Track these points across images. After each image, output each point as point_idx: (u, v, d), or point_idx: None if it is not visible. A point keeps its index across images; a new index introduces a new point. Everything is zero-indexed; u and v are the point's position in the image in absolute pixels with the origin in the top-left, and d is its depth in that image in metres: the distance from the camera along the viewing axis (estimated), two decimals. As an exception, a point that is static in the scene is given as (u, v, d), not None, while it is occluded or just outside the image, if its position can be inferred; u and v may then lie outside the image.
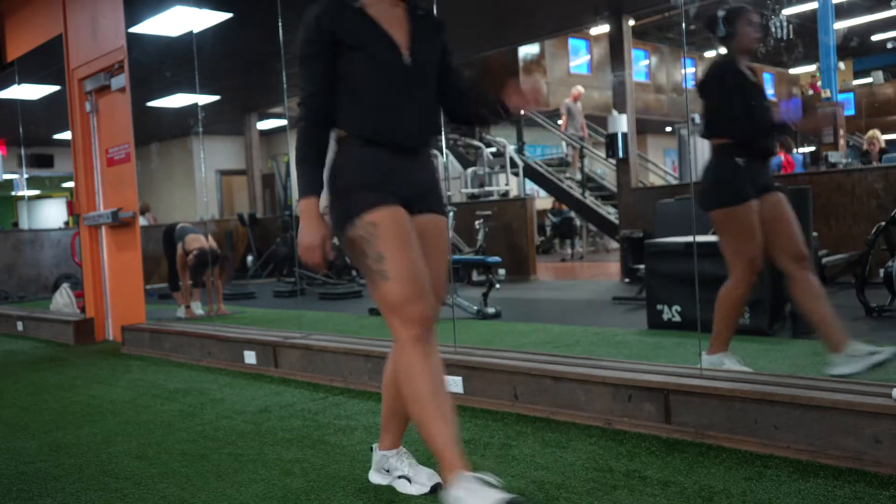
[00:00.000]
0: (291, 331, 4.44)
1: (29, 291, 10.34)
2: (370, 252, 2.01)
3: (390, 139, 2.07)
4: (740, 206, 3.08)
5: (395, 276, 1.99)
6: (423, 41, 2.13)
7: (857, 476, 2.15)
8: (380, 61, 2.06)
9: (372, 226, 2.01)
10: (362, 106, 2.07)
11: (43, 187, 18.83)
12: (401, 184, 2.08)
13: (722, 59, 3.22)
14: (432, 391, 1.97)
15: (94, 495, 2.35)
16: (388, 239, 2.00)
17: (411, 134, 2.10)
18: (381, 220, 2.01)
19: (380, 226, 2.00)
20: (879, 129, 10.39)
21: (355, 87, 2.07)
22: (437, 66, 2.18)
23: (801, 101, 21.43)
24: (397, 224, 2.02)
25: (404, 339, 2.02)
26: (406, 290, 1.99)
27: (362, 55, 2.05)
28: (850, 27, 18.11)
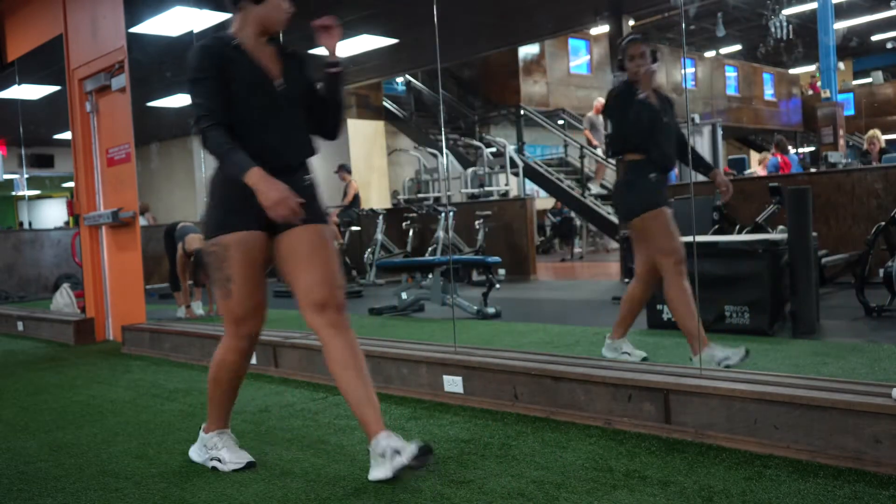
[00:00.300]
0: (291, 331, 4.44)
1: (29, 291, 10.34)
2: (222, 269, 2.39)
3: (264, 161, 2.31)
4: (661, 209, 3.42)
5: (236, 298, 2.40)
6: (291, 71, 2.47)
7: (856, 476, 2.15)
8: (254, 88, 2.38)
9: (226, 248, 2.37)
10: (240, 128, 2.36)
11: (43, 187, 18.83)
12: None
13: (621, 85, 3.55)
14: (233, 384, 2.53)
15: (94, 495, 2.36)
16: (237, 264, 2.37)
17: (283, 152, 2.42)
18: (234, 246, 2.37)
19: (233, 250, 2.37)
20: (879, 129, 10.38)
21: (235, 114, 2.36)
22: (305, 95, 2.50)
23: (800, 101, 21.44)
24: (248, 253, 2.38)
25: (231, 347, 2.48)
26: (243, 311, 2.42)
27: (239, 84, 2.36)
28: (849, 27, 18.12)
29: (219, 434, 2.57)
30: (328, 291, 2.40)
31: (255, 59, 2.39)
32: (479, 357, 3.28)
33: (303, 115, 2.50)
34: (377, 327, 5.59)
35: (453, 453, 2.55)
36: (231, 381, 2.55)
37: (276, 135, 2.40)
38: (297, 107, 2.47)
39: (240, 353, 2.49)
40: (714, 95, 18.61)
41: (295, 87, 2.46)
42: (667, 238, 3.41)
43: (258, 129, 2.38)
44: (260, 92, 2.38)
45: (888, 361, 3.46)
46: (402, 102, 15.88)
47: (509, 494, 2.16)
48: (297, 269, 2.42)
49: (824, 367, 3.40)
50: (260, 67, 2.40)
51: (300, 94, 2.49)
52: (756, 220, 6.72)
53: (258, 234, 2.39)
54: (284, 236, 2.42)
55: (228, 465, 2.51)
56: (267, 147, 2.38)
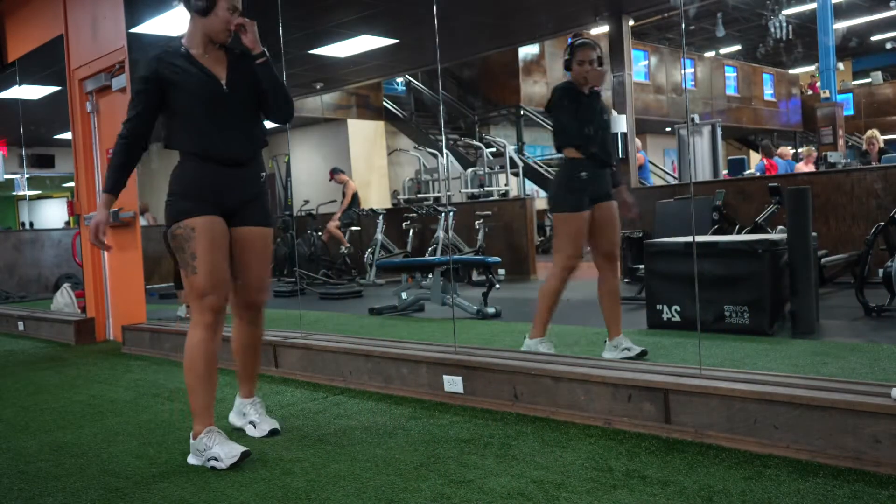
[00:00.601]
0: (291, 331, 4.45)
1: (30, 291, 10.34)
2: (187, 249, 2.60)
3: (215, 155, 2.64)
4: (574, 214, 3.65)
5: (201, 273, 2.60)
6: (238, 73, 2.71)
7: (856, 476, 2.15)
8: (202, 91, 2.63)
9: (192, 230, 2.60)
10: (192, 129, 2.64)
11: (44, 187, 18.83)
12: (223, 195, 2.65)
13: (564, 83, 3.78)
14: (206, 365, 2.63)
15: (94, 495, 2.36)
16: (201, 242, 2.59)
17: (233, 150, 2.67)
18: (199, 226, 2.60)
19: (197, 230, 2.59)
20: (878, 129, 10.39)
21: (186, 115, 2.65)
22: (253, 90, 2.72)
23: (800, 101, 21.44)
24: (212, 232, 2.61)
25: (198, 322, 2.65)
26: (207, 284, 2.60)
27: (189, 92, 2.62)
28: (849, 28, 18.12)
29: (207, 434, 2.59)
30: (261, 295, 2.85)
31: (203, 65, 2.66)
32: (479, 357, 3.28)
33: (251, 111, 2.74)
34: (377, 327, 5.60)
35: (453, 453, 2.56)
36: (206, 364, 2.63)
37: (224, 132, 2.66)
38: (244, 105, 2.72)
39: (206, 327, 2.63)
40: (714, 96, 18.62)
41: (241, 86, 2.70)
42: (567, 243, 3.68)
43: (207, 129, 2.64)
44: (207, 94, 2.64)
45: (888, 361, 3.47)
46: (402, 102, 15.88)
47: (509, 494, 2.16)
48: (243, 267, 2.77)
49: (824, 367, 3.41)
50: (207, 72, 2.66)
51: (247, 92, 2.72)
52: (756, 220, 6.73)
53: (220, 218, 2.66)
54: (239, 231, 2.72)
55: (225, 461, 2.52)
56: (215, 143, 2.64)
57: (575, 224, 3.66)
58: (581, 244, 3.71)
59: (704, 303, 4.47)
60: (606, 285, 3.82)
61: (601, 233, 3.76)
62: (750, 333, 4.30)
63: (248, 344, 2.92)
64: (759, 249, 4.31)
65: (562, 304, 3.92)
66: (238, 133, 2.69)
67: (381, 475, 2.38)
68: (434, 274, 6.12)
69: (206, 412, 2.63)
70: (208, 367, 2.64)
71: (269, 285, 2.88)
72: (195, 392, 2.64)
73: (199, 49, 2.68)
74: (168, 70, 2.63)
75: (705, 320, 4.47)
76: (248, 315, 2.87)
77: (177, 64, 2.64)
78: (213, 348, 2.65)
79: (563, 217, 3.68)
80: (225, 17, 2.64)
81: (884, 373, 3.25)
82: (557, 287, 3.74)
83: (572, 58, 3.73)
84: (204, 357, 2.63)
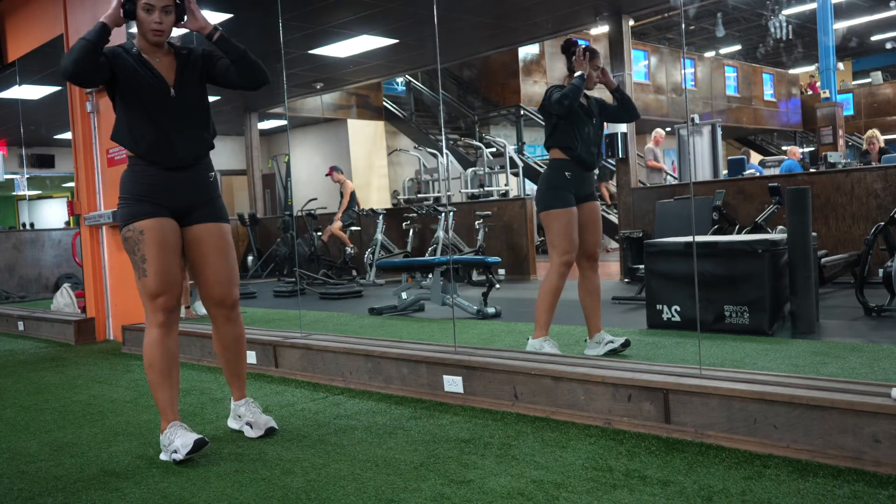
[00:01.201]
0: (291, 330, 4.45)
1: (30, 291, 10.35)
2: (137, 252, 2.66)
3: (158, 159, 2.68)
4: (563, 210, 3.75)
5: (151, 274, 2.65)
6: (186, 75, 2.73)
7: (856, 475, 2.15)
8: (150, 95, 2.66)
9: (140, 232, 2.65)
10: (136, 131, 2.67)
11: (44, 187, 18.84)
12: (172, 197, 2.70)
13: (557, 85, 3.82)
14: (164, 362, 2.69)
15: (94, 495, 2.36)
16: (150, 245, 2.64)
17: (177, 154, 2.70)
18: (148, 229, 2.65)
19: (146, 233, 2.64)
20: (878, 129, 10.39)
21: (132, 117, 2.67)
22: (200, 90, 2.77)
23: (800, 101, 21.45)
24: (161, 234, 2.66)
25: (152, 322, 2.70)
26: (158, 286, 2.66)
27: (136, 91, 2.65)
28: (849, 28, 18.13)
29: (170, 428, 2.67)
30: (226, 290, 2.81)
31: (153, 67, 2.69)
32: (479, 357, 3.28)
33: (198, 113, 2.77)
34: (377, 327, 5.60)
35: (453, 453, 2.56)
36: (163, 362, 2.69)
37: (169, 136, 2.68)
38: (191, 107, 2.74)
39: (159, 326, 2.69)
40: (714, 96, 18.62)
41: (188, 88, 2.74)
42: (561, 239, 3.76)
43: (151, 132, 2.67)
44: (154, 96, 2.67)
45: (887, 361, 3.47)
46: (402, 102, 15.89)
47: (509, 494, 2.16)
48: (201, 264, 2.79)
49: (824, 367, 3.41)
50: (155, 74, 2.69)
51: (194, 94, 2.76)
52: (756, 220, 6.73)
53: (170, 220, 2.70)
54: (191, 230, 2.76)
55: (181, 451, 2.59)
56: (159, 147, 2.67)
57: (566, 219, 3.75)
58: (575, 238, 3.78)
59: (704, 303, 4.47)
60: (588, 284, 3.92)
61: (584, 232, 3.86)
62: (750, 333, 4.30)
63: (228, 345, 2.90)
64: (759, 249, 4.32)
65: (561, 304, 3.92)
66: (182, 137, 2.71)
67: (381, 475, 2.38)
68: (434, 274, 6.12)
69: (170, 408, 2.71)
70: (166, 364, 2.70)
71: (235, 281, 2.84)
72: (157, 389, 2.71)
73: (146, 51, 2.71)
74: (121, 63, 2.65)
75: (705, 320, 4.47)
76: (220, 314, 2.85)
77: (129, 61, 2.67)
78: (169, 345, 2.70)
79: (555, 214, 3.76)
80: (143, 18, 2.65)
81: (883, 373, 3.25)
82: (557, 284, 3.79)
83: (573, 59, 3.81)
84: (161, 355, 2.69)
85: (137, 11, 2.64)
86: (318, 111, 14.57)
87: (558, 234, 3.76)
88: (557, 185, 3.77)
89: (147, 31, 2.67)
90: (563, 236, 3.75)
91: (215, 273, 2.79)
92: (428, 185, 12.85)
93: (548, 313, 3.82)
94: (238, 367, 2.95)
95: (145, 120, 2.66)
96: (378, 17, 8.63)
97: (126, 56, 2.67)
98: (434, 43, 4.62)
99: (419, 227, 10.00)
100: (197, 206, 2.75)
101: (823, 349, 3.83)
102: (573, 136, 3.76)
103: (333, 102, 14.75)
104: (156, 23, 2.64)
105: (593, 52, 3.83)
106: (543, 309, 3.83)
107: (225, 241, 2.81)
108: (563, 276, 3.78)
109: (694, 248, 4.55)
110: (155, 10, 2.63)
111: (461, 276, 8.51)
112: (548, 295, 3.81)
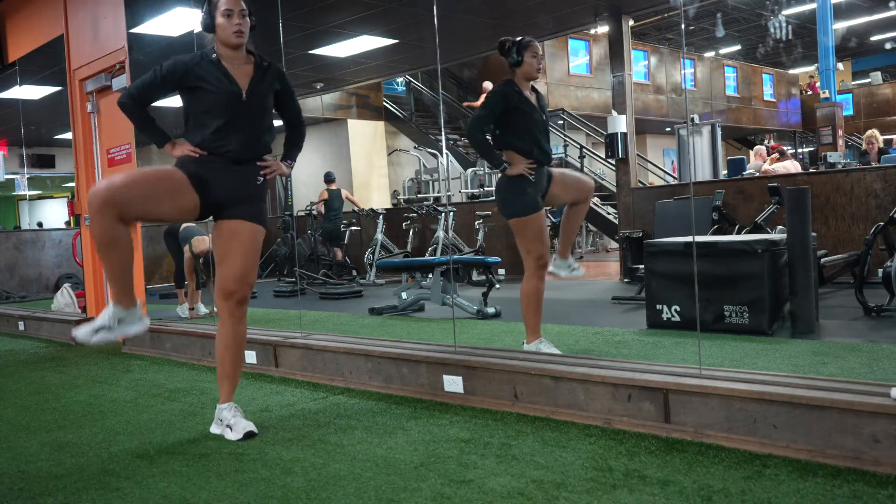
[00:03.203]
0: (292, 330, 4.45)
1: (30, 291, 10.35)
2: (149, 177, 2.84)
3: (219, 150, 2.84)
4: (534, 216, 3.72)
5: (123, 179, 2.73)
6: (259, 84, 2.92)
7: (855, 475, 2.16)
8: (222, 98, 2.84)
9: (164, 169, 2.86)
10: (205, 125, 2.85)
11: (44, 187, 18.84)
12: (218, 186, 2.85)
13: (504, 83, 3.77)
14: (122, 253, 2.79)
15: (95, 494, 2.36)
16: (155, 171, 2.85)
17: (237, 150, 2.86)
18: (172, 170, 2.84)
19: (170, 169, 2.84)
20: (878, 129, 10.39)
21: (206, 116, 2.85)
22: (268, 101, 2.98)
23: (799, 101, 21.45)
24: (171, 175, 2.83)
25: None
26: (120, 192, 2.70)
27: (211, 91, 2.84)
28: (848, 28, 18.13)
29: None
30: (237, 285, 2.91)
31: (227, 72, 2.87)
32: (479, 357, 3.28)
33: (262, 119, 2.94)
34: (377, 327, 5.60)
35: (453, 453, 2.56)
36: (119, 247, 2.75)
37: (232, 133, 2.85)
38: (257, 113, 2.91)
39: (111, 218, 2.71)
40: (713, 96, 18.62)
41: (258, 96, 2.91)
42: (535, 242, 3.75)
43: (219, 125, 2.83)
44: (225, 99, 2.84)
45: (887, 361, 3.47)
46: (402, 103, 15.89)
47: (509, 494, 2.16)
48: (226, 255, 2.90)
49: (823, 367, 3.41)
50: (229, 79, 2.86)
51: (263, 102, 2.94)
52: (755, 220, 6.73)
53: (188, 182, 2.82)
54: (230, 223, 2.89)
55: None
56: (222, 139, 2.84)
57: (538, 224, 3.75)
58: (546, 239, 3.78)
59: (704, 303, 4.48)
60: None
61: (563, 191, 3.88)
62: (749, 333, 4.30)
63: (228, 343, 2.95)
64: (758, 249, 4.32)
65: (561, 304, 3.92)
66: (244, 136, 2.88)
67: (381, 475, 2.38)
68: (434, 274, 6.12)
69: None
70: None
71: (249, 280, 2.94)
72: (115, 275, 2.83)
73: (227, 58, 2.89)
74: (197, 75, 2.85)
75: (705, 320, 4.47)
76: (226, 307, 2.91)
77: (206, 68, 2.86)
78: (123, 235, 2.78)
79: (523, 221, 3.73)
80: (224, 25, 2.85)
81: (883, 373, 3.25)
82: (538, 286, 3.79)
83: (523, 53, 3.72)
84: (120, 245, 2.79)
85: (217, 19, 2.86)
86: (318, 111, 14.57)
87: (532, 239, 3.74)
88: (520, 191, 3.71)
89: (229, 34, 2.85)
90: (536, 241, 3.74)
91: (235, 267, 2.89)
92: (428, 185, 12.85)
93: (535, 317, 3.82)
94: (233, 368, 2.99)
95: (213, 117, 2.84)
96: (378, 17, 8.62)
97: (203, 64, 2.87)
98: (434, 43, 4.62)
99: (419, 227, 10.00)
100: (240, 202, 2.89)
101: (823, 349, 3.83)
102: (521, 135, 3.70)
103: (333, 102, 14.75)
104: (236, 24, 2.84)
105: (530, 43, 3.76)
106: (530, 313, 3.81)
107: (254, 242, 2.94)
108: (542, 278, 3.79)
109: (694, 248, 4.55)
110: (234, 14, 2.84)
111: (461, 276, 8.51)
112: (530, 299, 3.79)
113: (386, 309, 6.42)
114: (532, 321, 3.82)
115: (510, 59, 3.75)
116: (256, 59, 2.97)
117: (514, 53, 3.73)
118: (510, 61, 3.75)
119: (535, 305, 3.81)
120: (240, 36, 2.86)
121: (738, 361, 3.62)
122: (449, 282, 6.12)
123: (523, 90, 3.74)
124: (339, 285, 8.86)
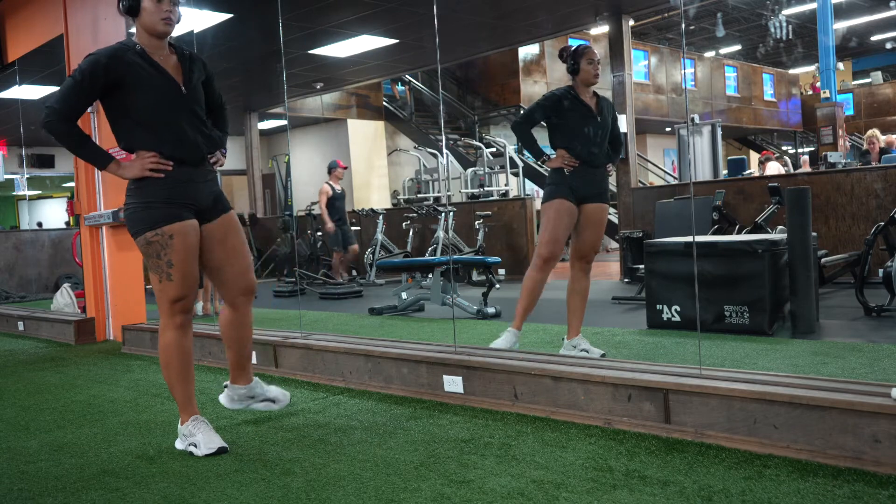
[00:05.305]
0: (291, 330, 4.45)
1: (30, 291, 10.35)
2: (163, 257, 2.65)
3: (184, 157, 2.66)
4: (553, 202, 3.78)
5: (177, 279, 2.67)
6: (192, 75, 2.72)
7: (856, 475, 2.15)
8: (163, 95, 2.62)
9: (170, 237, 2.63)
10: (154, 131, 2.63)
11: (44, 187, 18.84)
12: (196, 196, 2.70)
13: (562, 88, 3.90)
14: (181, 362, 2.76)
15: (94, 495, 2.36)
16: (179, 250, 2.64)
17: (195, 150, 2.70)
18: (178, 234, 2.63)
19: (176, 238, 2.63)
20: (878, 129, 10.39)
21: (146, 117, 2.63)
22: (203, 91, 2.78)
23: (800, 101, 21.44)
24: (189, 239, 2.67)
25: (168, 324, 2.75)
26: (181, 291, 2.70)
27: (148, 90, 2.60)
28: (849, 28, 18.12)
29: (193, 421, 2.75)
30: (252, 276, 2.87)
31: (159, 65, 2.64)
32: (478, 357, 3.28)
33: (202, 112, 2.76)
34: (377, 327, 5.60)
35: (453, 453, 2.56)
36: (181, 361, 2.75)
37: (188, 132, 2.68)
38: (199, 106, 2.75)
39: (177, 328, 2.74)
40: (714, 95, 18.62)
41: (194, 87, 2.72)
42: (545, 230, 3.78)
43: (171, 130, 2.65)
44: (167, 96, 2.64)
45: (887, 361, 3.47)
46: (394, 101, 15.88)
47: (509, 494, 2.16)
48: (233, 255, 2.81)
49: (824, 367, 3.41)
50: (165, 73, 2.64)
51: (200, 93, 2.76)
52: (756, 220, 6.73)
53: (194, 221, 2.70)
54: (216, 225, 2.77)
55: (202, 448, 2.67)
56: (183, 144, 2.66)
57: (552, 211, 3.77)
58: (560, 233, 3.78)
59: (704, 303, 4.47)
60: (577, 284, 3.92)
61: (582, 231, 3.87)
62: (750, 333, 4.30)
63: (247, 324, 2.92)
64: (758, 249, 4.32)
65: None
66: (198, 133, 2.72)
67: (381, 475, 2.38)
68: (434, 274, 6.12)
69: (189, 402, 2.78)
70: (184, 364, 2.77)
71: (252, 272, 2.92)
72: (175, 387, 2.78)
73: (152, 49, 2.65)
74: (122, 69, 2.56)
75: (705, 320, 4.47)
76: (246, 300, 2.87)
77: (133, 63, 2.59)
78: (185, 345, 2.77)
79: (546, 206, 3.81)
80: (151, 10, 2.60)
81: (883, 373, 3.25)
82: (531, 275, 3.82)
83: (579, 60, 3.85)
84: (179, 356, 2.75)
85: (143, 2, 2.59)
86: (318, 111, 14.58)
87: (544, 225, 3.80)
88: (555, 181, 3.82)
89: (157, 21, 2.60)
90: (547, 228, 3.78)
91: (245, 261, 2.84)
92: (428, 185, 12.84)
93: (521, 303, 3.85)
94: (240, 348, 2.95)
95: (163, 119, 2.63)
96: (378, 17, 8.63)
97: (132, 57, 2.59)
98: (434, 43, 4.62)
99: (419, 227, 10.00)
100: (213, 203, 2.78)
101: (823, 349, 3.83)
102: (571, 136, 3.80)
103: (333, 102, 14.75)
104: (166, 11, 2.60)
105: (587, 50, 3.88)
106: (520, 299, 3.87)
107: (237, 229, 2.86)
108: (539, 269, 3.80)
109: (694, 248, 4.55)
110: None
111: (461, 276, 8.51)
112: (530, 291, 3.84)
113: (386, 309, 6.41)
114: (518, 307, 3.88)
115: (567, 67, 3.89)
116: (177, 49, 2.73)
117: (571, 61, 3.87)
118: (567, 69, 3.89)
119: (523, 293, 3.85)
120: (168, 24, 2.62)
121: (739, 361, 3.61)
122: (449, 282, 6.11)
123: (580, 95, 3.83)
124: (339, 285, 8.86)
